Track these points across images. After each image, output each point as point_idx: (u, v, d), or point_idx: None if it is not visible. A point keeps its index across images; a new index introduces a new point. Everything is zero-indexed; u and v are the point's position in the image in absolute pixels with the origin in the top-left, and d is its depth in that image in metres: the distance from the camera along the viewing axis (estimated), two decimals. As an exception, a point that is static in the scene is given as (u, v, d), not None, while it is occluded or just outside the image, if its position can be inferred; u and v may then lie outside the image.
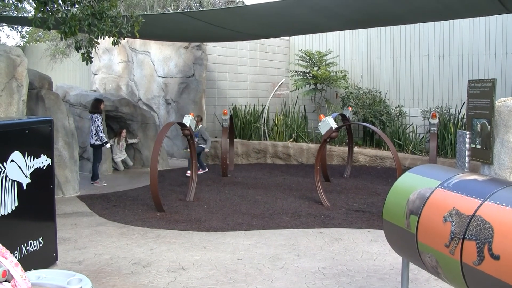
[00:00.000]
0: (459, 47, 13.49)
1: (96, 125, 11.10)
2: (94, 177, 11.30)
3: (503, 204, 3.05)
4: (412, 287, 5.19)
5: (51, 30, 7.23)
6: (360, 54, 15.53)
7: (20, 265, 2.61)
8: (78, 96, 13.63)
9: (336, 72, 14.97)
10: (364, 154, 13.37)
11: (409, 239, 3.74)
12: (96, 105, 11.28)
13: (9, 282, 2.50)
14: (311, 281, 5.57)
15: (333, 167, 12.94)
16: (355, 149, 13.19)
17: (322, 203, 9.21)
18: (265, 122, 15.62)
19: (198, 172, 11.71)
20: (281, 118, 15.29)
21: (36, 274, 3.42)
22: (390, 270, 5.91)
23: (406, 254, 4.02)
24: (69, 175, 10.13)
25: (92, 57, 7.96)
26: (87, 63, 7.78)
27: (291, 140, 14.68)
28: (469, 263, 3.09)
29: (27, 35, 24.45)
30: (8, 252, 2.58)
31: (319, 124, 9.53)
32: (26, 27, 22.43)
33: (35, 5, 6.92)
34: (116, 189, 10.84)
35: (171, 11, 16.07)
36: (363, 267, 6.02)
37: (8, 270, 2.49)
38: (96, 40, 7.54)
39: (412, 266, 4.72)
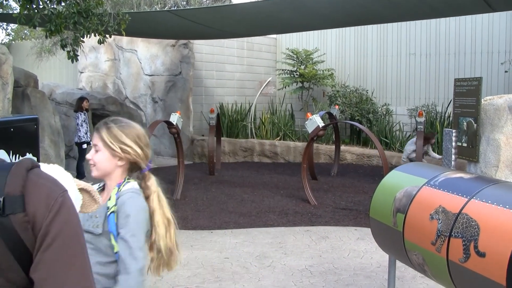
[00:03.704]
0: (445, 46, 13.55)
1: (76, 123, 11.05)
2: (79, 176, 11.22)
3: (489, 201, 3.07)
4: (398, 285, 5.21)
5: (37, 28, 7.17)
6: (347, 52, 15.55)
7: None
8: (64, 94, 13.55)
9: (323, 71, 14.98)
10: (351, 152, 13.40)
11: (396, 237, 3.75)
12: (78, 103, 11.22)
13: None
14: (298, 279, 5.58)
15: (320, 166, 12.96)
16: (342, 147, 13.21)
17: (309, 201, 9.22)
18: (252, 120, 15.61)
19: None
20: (268, 116, 15.28)
21: None
22: (377, 267, 5.93)
23: (393, 252, 4.03)
24: (55, 174, 10.05)
25: (78, 55, 7.92)
26: (72, 61, 7.73)
27: (278, 138, 14.69)
28: (455, 260, 3.10)
29: (13, 33, 24.27)
30: None
31: (306, 122, 9.54)
32: (11, 25, 22.25)
33: (20, 2, 6.86)
34: (102, 187, 10.77)
35: (158, 9, 16.01)
36: (350, 265, 6.04)
37: None
38: (81, 38, 7.50)
39: (398, 263, 4.73)
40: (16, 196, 1.04)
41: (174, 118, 9.98)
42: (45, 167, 1.51)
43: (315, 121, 9.32)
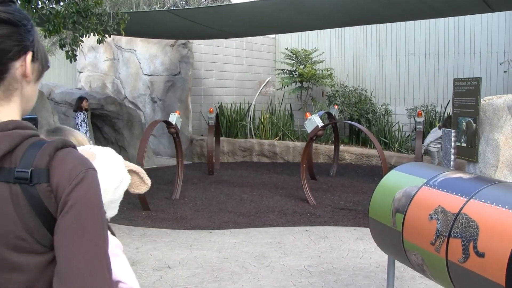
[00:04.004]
0: (444, 46, 13.55)
1: (75, 123, 11.07)
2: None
3: (488, 202, 3.06)
4: (397, 285, 5.21)
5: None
6: (346, 52, 15.55)
7: None
8: (63, 94, 13.54)
9: (322, 70, 14.98)
10: (350, 152, 13.40)
11: (395, 237, 3.75)
12: (78, 103, 11.23)
13: None
14: (297, 279, 5.57)
15: (319, 165, 12.96)
16: (341, 147, 13.21)
17: (308, 201, 9.22)
18: (251, 120, 15.60)
19: None
20: (267, 116, 15.28)
21: None
22: (376, 268, 5.93)
23: (392, 252, 4.03)
24: (54, 174, 10.05)
25: (77, 55, 7.91)
26: (71, 61, 7.73)
27: (277, 138, 14.68)
28: (454, 260, 3.10)
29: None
30: None
31: (305, 122, 9.53)
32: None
33: (19, 2, 6.86)
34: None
35: (157, 9, 16.01)
36: (349, 265, 6.04)
37: None
38: (80, 38, 7.49)
39: (398, 263, 4.73)
40: (41, 169, 1.21)
41: (173, 118, 9.97)
42: (97, 149, 1.74)
43: (314, 121, 9.31)
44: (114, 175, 1.77)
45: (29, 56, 1.31)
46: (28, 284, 1.23)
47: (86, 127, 11.22)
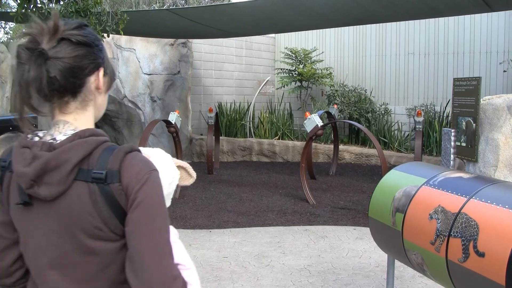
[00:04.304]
0: (444, 46, 13.55)
1: None
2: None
3: (489, 201, 3.06)
4: (397, 284, 5.21)
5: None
6: (345, 52, 15.55)
7: None
8: (63, 93, 13.54)
9: (321, 70, 14.97)
10: (349, 151, 13.40)
11: (394, 237, 3.75)
12: None
13: None
14: (297, 278, 5.57)
15: (319, 165, 12.96)
16: (341, 146, 13.21)
17: (307, 200, 9.22)
18: (251, 119, 15.60)
19: None
20: (267, 115, 15.27)
21: None
22: (376, 267, 5.93)
23: (391, 252, 4.03)
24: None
25: (76, 54, 7.89)
26: (70, 61, 7.71)
27: (277, 137, 14.68)
28: (454, 260, 3.10)
29: (11, 31, 24.24)
30: None
31: (305, 121, 9.53)
32: (9, 23, 22.21)
33: (18, 1, 6.85)
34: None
35: (157, 8, 16.00)
36: (348, 264, 6.04)
37: None
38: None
39: (397, 263, 4.73)
40: (114, 171, 1.48)
41: (173, 117, 9.97)
42: (148, 150, 1.95)
43: (314, 120, 9.31)
44: (167, 172, 1.97)
45: (101, 71, 1.59)
46: (103, 265, 1.52)
47: None
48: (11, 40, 23.20)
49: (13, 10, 8.32)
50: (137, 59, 15.33)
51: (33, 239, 1.54)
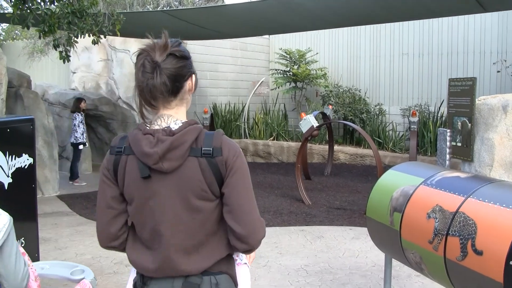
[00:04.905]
0: (438, 46, 13.60)
1: (73, 124, 11.06)
2: (73, 176, 11.23)
3: (486, 200, 3.09)
4: (394, 283, 5.23)
5: (30, 28, 7.13)
6: (340, 52, 15.58)
7: (27, 255, 2.83)
8: (57, 95, 13.52)
9: (316, 70, 15.00)
10: (344, 152, 13.44)
11: (392, 236, 3.77)
12: (76, 104, 11.23)
13: None
14: (294, 278, 5.59)
15: (314, 165, 12.98)
16: (336, 147, 13.24)
17: (303, 201, 9.24)
18: (246, 120, 15.62)
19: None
20: (262, 116, 15.30)
21: (40, 265, 3.51)
22: (372, 267, 5.95)
23: (389, 251, 4.05)
24: (48, 175, 10.04)
25: (70, 56, 7.88)
26: (64, 62, 7.70)
27: (272, 138, 14.71)
28: (452, 259, 3.12)
29: (3, 33, 24.14)
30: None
31: (301, 122, 9.56)
32: (2, 24, 22.14)
33: (12, 3, 6.83)
34: (96, 188, 10.70)
35: (151, 9, 15.99)
36: (345, 264, 6.06)
37: None
38: (75, 38, 7.46)
39: (394, 262, 4.76)
40: (218, 148, 1.99)
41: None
42: None
43: (310, 121, 9.34)
44: None
45: (193, 77, 2.11)
46: (203, 221, 2.01)
47: (84, 128, 11.22)
48: (4, 42, 23.11)
49: (6, 11, 8.32)
50: (131, 60, 15.31)
51: (151, 203, 2.00)
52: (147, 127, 2.03)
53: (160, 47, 2.06)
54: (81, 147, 11.23)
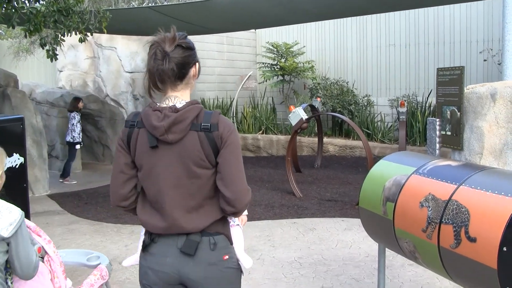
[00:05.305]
0: (424, 36, 13.64)
1: (71, 123, 11.05)
2: (64, 174, 11.21)
3: (478, 188, 3.11)
4: (387, 273, 5.26)
5: (16, 27, 7.07)
6: (327, 45, 15.58)
7: (52, 242, 3.10)
8: (45, 94, 13.44)
9: (303, 63, 15.00)
10: (333, 144, 13.47)
11: (386, 226, 3.79)
12: (74, 103, 11.26)
13: (43, 258, 3.00)
14: (288, 271, 5.61)
15: (304, 158, 13.01)
16: (325, 139, 13.26)
17: (294, 193, 9.27)
18: (234, 115, 15.61)
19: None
20: (250, 110, 15.30)
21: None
22: (366, 257, 5.98)
23: (383, 241, 4.07)
24: (38, 174, 10.00)
25: (57, 54, 7.84)
26: (52, 60, 7.65)
27: (261, 132, 14.71)
28: (446, 246, 3.15)
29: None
30: (42, 230, 3.11)
31: (290, 115, 9.56)
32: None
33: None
34: (87, 186, 10.74)
35: (136, 6, 15.91)
36: (338, 255, 6.09)
37: (43, 247, 2.99)
38: (62, 37, 7.42)
39: (387, 252, 4.78)
40: (215, 124, 2.33)
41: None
42: None
43: (299, 113, 9.34)
44: None
45: (197, 65, 2.48)
46: (201, 185, 2.36)
47: (80, 128, 11.25)
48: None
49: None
50: (118, 58, 15.27)
51: (157, 169, 2.36)
52: (157, 105, 2.38)
53: (170, 39, 2.39)
54: (77, 146, 11.26)
